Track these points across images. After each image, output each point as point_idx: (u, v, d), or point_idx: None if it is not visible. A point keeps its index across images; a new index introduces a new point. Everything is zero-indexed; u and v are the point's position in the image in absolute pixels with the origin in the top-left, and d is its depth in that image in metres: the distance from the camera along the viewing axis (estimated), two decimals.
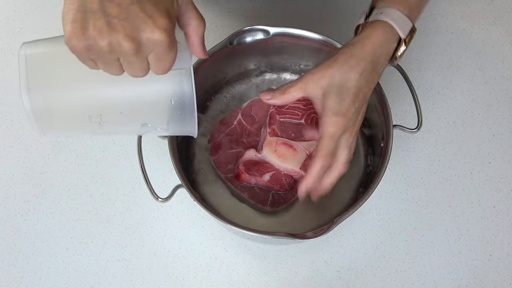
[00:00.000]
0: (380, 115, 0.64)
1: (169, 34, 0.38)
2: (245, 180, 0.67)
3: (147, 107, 0.48)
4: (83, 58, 0.39)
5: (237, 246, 0.68)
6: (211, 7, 0.82)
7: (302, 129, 0.68)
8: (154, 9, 0.37)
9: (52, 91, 0.45)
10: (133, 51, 0.38)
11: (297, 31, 0.66)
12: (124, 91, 0.46)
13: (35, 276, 0.67)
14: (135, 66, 0.40)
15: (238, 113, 0.72)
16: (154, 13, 0.37)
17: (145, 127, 0.51)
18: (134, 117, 0.49)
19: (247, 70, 0.74)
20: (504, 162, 0.72)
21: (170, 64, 0.41)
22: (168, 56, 0.40)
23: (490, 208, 0.70)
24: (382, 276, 0.67)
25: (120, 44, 0.37)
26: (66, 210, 0.71)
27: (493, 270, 0.67)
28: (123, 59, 0.39)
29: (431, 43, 0.80)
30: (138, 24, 0.37)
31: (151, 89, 0.46)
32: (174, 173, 0.59)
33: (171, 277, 0.67)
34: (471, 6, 0.83)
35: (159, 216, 0.70)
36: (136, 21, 0.37)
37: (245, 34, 0.66)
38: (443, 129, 0.74)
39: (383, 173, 0.59)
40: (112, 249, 0.68)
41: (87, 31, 0.37)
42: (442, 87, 0.77)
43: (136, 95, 0.46)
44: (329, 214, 0.67)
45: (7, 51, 0.81)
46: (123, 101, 0.47)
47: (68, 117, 0.47)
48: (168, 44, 0.38)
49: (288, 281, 0.67)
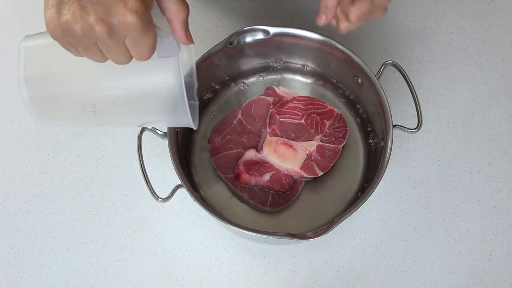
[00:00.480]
0: (380, 115, 0.64)
1: (141, 17, 0.38)
2: (245, 180, 0.67)
3: (137, 97, 0.47)
4: (63, 43, 0.40)
5: (237, 246, 0.68)
6: (211, 7, 0.82)
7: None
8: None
9: (47, 81, 0.46)
10: (105, 35, 0.38)
11: (297, 31, 0.66)
12: (114, 81, 0.46)
13: (35, 276, 0.67)
14: (114, 52, 0.40)
15: (238, 112, 0.72)
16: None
17: (139, 117, 0.51)
18: (127, 107, 0.49)
19: (247, 70, 0.74)
20: (504, 162, 0.72)
21: (148, 49, 0.40)
22: (143, 40, 0.39)
23: (490, 208, 0.70)
24: (382, 276, 0.67)
25: (92, 27, 0.37)
26: (66, 210, 0.71)
27: (493, 270, 0.67)
28: (100, 44, 0.39)
29: (431, 43, 0.80)
30: (109, 7, 0.37)
31: (140, 79, 0.46)
32: (174, 173, 0.59)
33: (171, 277, 0.67)
34: (471, 6, 0.83)
35: (159, 216, 0.70)
36: (108, 4, 0.37)
37: (245, 34, 0.66)
38: (443, 129, 0.74)
39: (383, 173, 0.59)
40: (112, 249, 0.68)
41: (61, 15, 0.37)
42: (442, 87, 0.77)
43: (126, 85, 0.46)
44: (329, 214, 0.67)
45: (7, 51, 0.81)
46: (114, 91, 0.47)
47: (64, 107, 0.48)
48: (141, 27, 0.38)
49: (288, 281, 0.67)
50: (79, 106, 0.47)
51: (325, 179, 0.68)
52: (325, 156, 0.68)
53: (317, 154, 0.67)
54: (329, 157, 0.68)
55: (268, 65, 0.74)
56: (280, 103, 0.70)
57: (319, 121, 0.69)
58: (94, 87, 0.47)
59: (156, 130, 0.62)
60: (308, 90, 0.74)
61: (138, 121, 0.53)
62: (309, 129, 0.69)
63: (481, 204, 0.70)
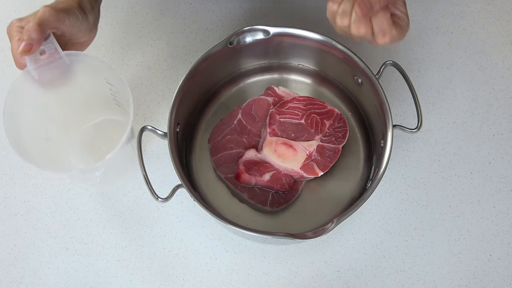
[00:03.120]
0: (380, 115, 0.64)
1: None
2: (245, 180, 0.67)
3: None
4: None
5: (237, 246, 0.68)
6: (211, 7, 0.82)
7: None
8: None
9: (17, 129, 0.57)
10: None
11: (297, 31, 0.66)
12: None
13: (35, 276, 0.67)
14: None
15: (238, 112, 0.72)
16: None
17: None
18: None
19: (247, 70, 0.74)
20: (504, 162, 0.72)
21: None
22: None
23: (490, 208, 0.70)
24: (382, 276, 0.67)
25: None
26: (66, 210, 0.71)
27: (493, 270, 0.67)
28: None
29: (431, 43, 0.80)
30: None
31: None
32: (174, 173, 0.59)
33: (171, 277, 0.67)
34: (471, 6, 0.83)
35: (159, 216, 0.70)
36: None
37: (245, 34, 0.66)
38: (443, 129, 0.74)
39: (383, 173, 0.59)
40: (112, 249, 0.68)
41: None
42: (442, 87, 0.77)
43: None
44: (329, 214, 0.67)
45: (7, 51, 0.81)
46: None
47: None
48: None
49: (288, 281, 0.67)
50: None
51: (325, 179, 0.68)
52: (325, 156, 0.68)
53: (317, 154, 0.67)
54: (329, 157, 0.68)
55: (268, 65, 0.74)
56: (280, 103, 0.70)
57: (319, 121, 0.69)
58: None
59: (156, 130, 0.62)
60: (308, 90, 0.74)
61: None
62: (309, 129, 0.69)
63: (481, 204, 0.70)
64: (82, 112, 0.68)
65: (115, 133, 0.57)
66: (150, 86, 0.77)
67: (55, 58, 0.55)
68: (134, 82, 0.77)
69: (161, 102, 0.76)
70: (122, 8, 0.83)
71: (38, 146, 0.61)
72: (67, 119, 0.68)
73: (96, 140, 0.71)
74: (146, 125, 0.63)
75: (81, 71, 0.59)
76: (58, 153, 0.67)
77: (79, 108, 0.67)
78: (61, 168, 0.64)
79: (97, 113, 0.71)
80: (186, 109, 0.68)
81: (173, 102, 0.63)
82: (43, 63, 0.55)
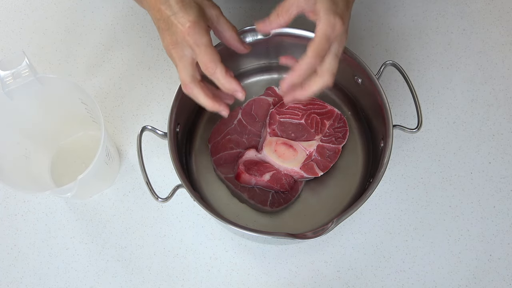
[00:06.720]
0: (380, 115, 0.64)
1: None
2: (245, 180, 0.67)
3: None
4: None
5: (237, 246, 0.68)
6: None
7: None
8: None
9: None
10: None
11: (297, 31, 0.66)
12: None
13: (35, 276, 0.67)
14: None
15: (238, 112, 0.72)
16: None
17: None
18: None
19: (247, 70, 0.74)
20: (504, 162, 0.72)
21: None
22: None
23: (490, 208, 0.70)
24: (382, 276, 0.67)
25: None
26: (66, 210, 0.71)
27: (493, 270, 0.67)
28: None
29: (431, 43, 0.80)
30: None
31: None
32: (174, 173, 0.59)
33: (171, 277, 0.67)
34: (471, 6, 0.83)
35: (159, 216, 0.70)
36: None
37: (245, 34, 0.66)
38: (443, 129, 0.74)
39: (383, 173, 0.59)
40: (112, 249, 0.68)
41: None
42: (442, 87, 0.77)
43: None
44: (329, 214, 0.67)
45: (7, 51, 0.81)
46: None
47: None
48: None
49: (288, 281, 0.67)
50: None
51: (325, 179, 0.68)
52: (325, 156, 0.68)
53: (317, 154, 0.67)
54: (329, 157, 0.68)
55: (268, 65, 0.74)
56: (280, 103, 0.70)
57: (319, 121, 0.69)
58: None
59: (156, 130, 0.62)
60: None
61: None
62: (309, 129, 0.69)
63: (481, 204, 0.70)
64: (61, 128, 0.71)
65: (95, 147, 0.59)
66: (150, 86, 0.77)
67: (29, 80, 0.59)
68: (134, 82, 0.77)
69: (161, 102, 0.76)
70: (122, 8, 0.83)
71: (17, 164, 0.64)
72: (46, 136, 0.70)
73: (76, 154, 0.73)
74: (146, 125, 0.63)
75: (55, 93, 0.62)
76: (38, 169, 0.70)
77: (57, 125, 0.69)
78: (37, 186, 0.67)
79: (75, 128, 0.73)
80: (186, 109, 0.68)
81: (173, 102, 0.63)
82: (19, 85, 0.58)
